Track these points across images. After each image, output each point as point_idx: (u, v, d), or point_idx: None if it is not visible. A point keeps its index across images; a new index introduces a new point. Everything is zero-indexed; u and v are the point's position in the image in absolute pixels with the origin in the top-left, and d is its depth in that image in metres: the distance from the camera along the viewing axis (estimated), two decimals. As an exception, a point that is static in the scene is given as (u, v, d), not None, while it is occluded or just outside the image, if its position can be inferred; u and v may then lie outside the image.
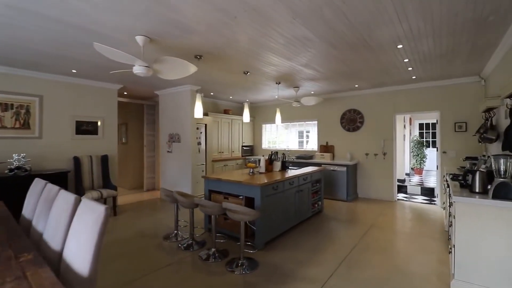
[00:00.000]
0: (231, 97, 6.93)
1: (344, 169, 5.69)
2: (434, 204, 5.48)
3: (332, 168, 5.86)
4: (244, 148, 7.79)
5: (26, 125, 4.36)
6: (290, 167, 4.76)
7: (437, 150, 5.36)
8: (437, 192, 5.63)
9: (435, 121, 9.71)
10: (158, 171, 7.00)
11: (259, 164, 4.25)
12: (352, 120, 6.24)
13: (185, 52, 3.23)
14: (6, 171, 3.91)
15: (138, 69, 2.60)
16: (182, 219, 4.24)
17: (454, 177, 3.24)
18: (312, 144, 7.14)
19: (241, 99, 7.35)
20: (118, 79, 4.95)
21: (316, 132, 6.84)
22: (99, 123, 5.24)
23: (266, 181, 3.31)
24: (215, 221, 3.09)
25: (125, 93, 6.34)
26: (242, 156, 7.70)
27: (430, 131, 10.02)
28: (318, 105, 6.71)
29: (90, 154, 5.09)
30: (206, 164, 6.36)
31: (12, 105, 4.22)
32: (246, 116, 4.37)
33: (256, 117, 8.20)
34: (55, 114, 4.67)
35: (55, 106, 4.66)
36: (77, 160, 4.80)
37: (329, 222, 4.29)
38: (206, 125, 6.37)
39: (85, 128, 5.07)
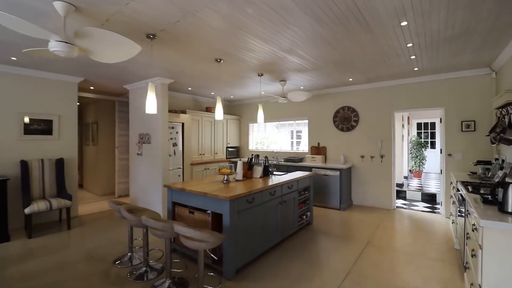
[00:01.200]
0: (212, 93, 6.25)
1: (337, 173, 5.05)
2: (438, 213, 4.87)
3: (323, 172, 5.21)
4: (229, 149, 7.12)
5: (-45, 124, 3.62)
6: (275, 173, 4.10)
7: (440, 152, 4.75)
8: (440, 199, 5.02)
9: (434, 121, 9.26)
10: (132, 175, 6.28)
11: (235, 170, 3.58)
12: (346, 119, 5.60)
13: (132, 30, 2.54)
14: None
15: (54, 45, 1.91)
16: (140, 238, 3.55)
17: (472, 188, 2.60)
18: (304, 146, 6.49)
19: (224, 96, 6.67)
20: (78, 70, 4.25)
21: (307, 132, 6.20)
22: (54, 122, 4.51)
23: (238, 193, 2.63)
24: (169, 246, 2.41)
25: (91, 87, 5.62)
26: (226, 158, 7.03)
27: (429, 131, 9.46)
28: (308, 102, 6.07)
29: (42, 158, 4.37)
30: (183, 168, 5.67)
31: None
32: (219, 113, 3.69)
33: (242, 115, 7.53)
34: (-5, 111, 3.93)
35: (-5, 101, 3.93)
36: (24, 165, 4.06)
37: (318, 238, 3.64)
38: (183, 124, 5.68)
39: (37, 127, 4.33)
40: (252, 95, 6.59)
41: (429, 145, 9.26)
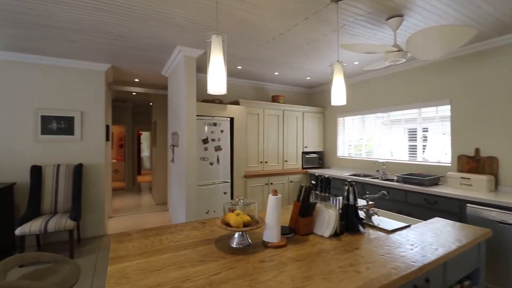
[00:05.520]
0: (276, 73, 4.27)
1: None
2: None
3: (498, 216, 2.31)
4: (307, 156, 4.93)
5: (-33, 122, 3.16)
6: (375, 218, 1.74)
7: None
8: None
9: None
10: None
11: (300, 197, 1.55)
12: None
13: None
14: None
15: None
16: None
17: None
18: (437, 153, 3.53)
19: (296, 76, 4.55)
20: (103, 54, 3.28)
21: (449, 129, 3.27)
22: (75, 119, 3.69)
23: None
24: None
25: (136, 79, 4.73)
26: (303, 168, 4.88)
27: None
28: (454, 68, 3.16)
29: (59, 163, 3.59)
30: (232, 182, 3.95)
31: None
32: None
33: (327, 106, 5.17)
34: (9, 106, 3.35)
35: (9, 95, 3.34)
36: (36, 171, 3.34)
37: None
38: (232, 119, 3.97)
39: (55, 126, 3.60)
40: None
41: None
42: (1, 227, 3.05)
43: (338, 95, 1.94)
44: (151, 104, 6.94)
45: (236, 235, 1.36)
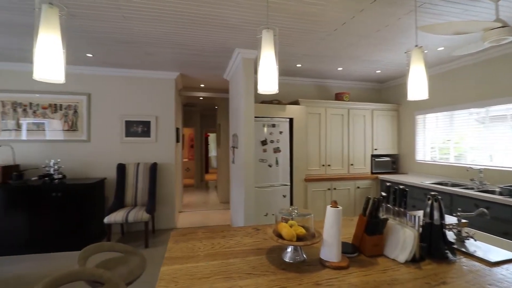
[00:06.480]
0: (339, 68, 3.92)
1: None
2: None
3: None
4: (378, 159, 4.40)
5: (74, 127, 3.88)
6: (469, 243, 1.37)
7: None
8: None
9: None
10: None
11: (367, 210, 1.30)
12: None
13: None
14: (34, 178, 3.45)
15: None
16: None
17: None
18: None
19: (364, 70, 4.10)
20: (173, 63, 3.63)
21: None
22: (151, 123, 4.14)
23: None
24: None
25: (202, 85, 5.05)
26: (372, 173, 4.38)
27: None
28: None
29: (138, 161, 4.08)
30: (292, 185, 3.81)
31: (60, 106, 3.83)
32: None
33: (402, 103, 4.50)
34: (103, 114, 3.97)
35: (103, 105, 3.96)
36: (121, 168, 3.88)
37: None
38: (291, 120, 3.82)
39: (135, 129, 4.10)
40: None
41: None
42: (96, 214, 3.63)
43: (417, 87, 1.60)
44: (216, 107, 7.34)
45: (290, 248, 1.22)
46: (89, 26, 2.47)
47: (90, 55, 3.33)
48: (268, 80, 1.21)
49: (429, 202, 1.24)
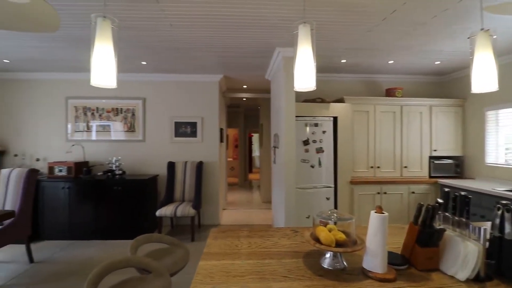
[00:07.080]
0: (391, 61, 3.59)
1: None
2: None
3: None
4: (437, 162, 3.92)
5: (132, 128, 4.31)
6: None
7: None
8: None
9: None
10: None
11: (419, 219, 1.19)
12: None
13: None
14: (99, 173, 3.93)
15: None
16: None
17: None
18: None
19: (420, 62, 3.69)
20: (218, 66, 3.80)
21: None
22: (198, 124, 4.37)
23: None
24: None
25: (245, 86, 5.15)
26: (430, 177, 3.93)
27: None
28: None
29: (186, 160, 4.34)
30: (336, 187, 3.63)
31: (121, 109, 4.29)
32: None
33: (468, 98, 3.93)
34: (156, 116, 4.33)
35: (156, 108, 4.33)
36: (171, 166, 4.18)
37: None
38: (335, 119, 3.64)
39: (184, 130, 4.37)
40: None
41: None
42: (150, 208, 3.97)
43: (483, 78, 1.37)
44: (258, 108, 7.42)
45: (328, 254, 1.16)
46: (142, 36, 2.71)
47: (144, 63, 3.66)
48: (305, 77, 1.16)
49: (499, 212, 1.05)
